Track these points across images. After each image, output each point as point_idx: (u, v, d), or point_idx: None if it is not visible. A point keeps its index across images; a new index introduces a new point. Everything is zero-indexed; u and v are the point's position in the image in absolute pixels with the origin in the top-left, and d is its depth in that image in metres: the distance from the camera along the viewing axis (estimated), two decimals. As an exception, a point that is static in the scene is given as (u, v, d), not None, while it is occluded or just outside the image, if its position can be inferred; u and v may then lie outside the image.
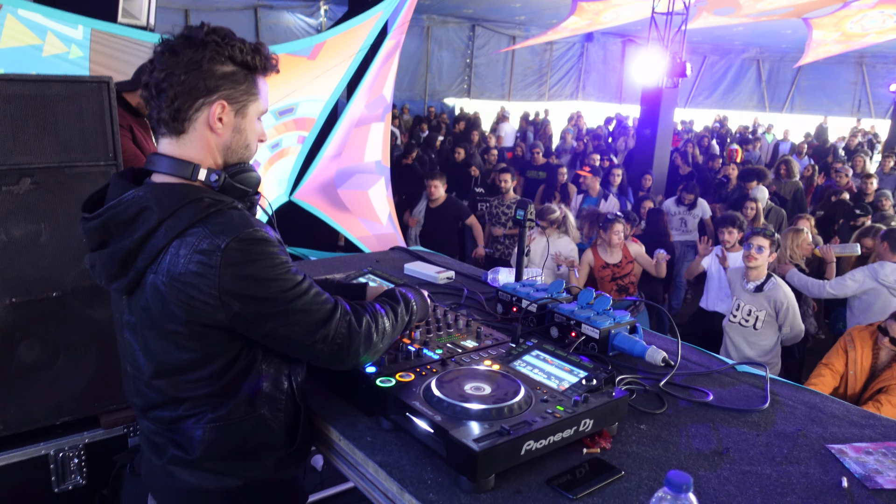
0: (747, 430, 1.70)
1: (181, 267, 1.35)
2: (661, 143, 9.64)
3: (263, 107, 1.54)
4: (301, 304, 1.42)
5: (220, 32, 1.43)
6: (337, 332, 1.46)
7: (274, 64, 1.52)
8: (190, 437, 1.48)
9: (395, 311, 1.63)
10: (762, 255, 4.32)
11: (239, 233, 1.36)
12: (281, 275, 1.40)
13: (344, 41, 4.99)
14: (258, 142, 1.56)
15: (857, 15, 14.71)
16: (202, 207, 1.39)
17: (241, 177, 1.50)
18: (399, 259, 3.21)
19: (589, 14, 14.50)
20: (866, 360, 3.62)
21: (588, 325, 2.05)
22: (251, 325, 1.40)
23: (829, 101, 20.58)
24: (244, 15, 12.68)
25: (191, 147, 1.46)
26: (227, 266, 1.34)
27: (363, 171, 5.68)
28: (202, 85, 1.41)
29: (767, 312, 4.34)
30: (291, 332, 1.42)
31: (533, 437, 1.39)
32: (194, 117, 1.43)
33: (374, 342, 1.53)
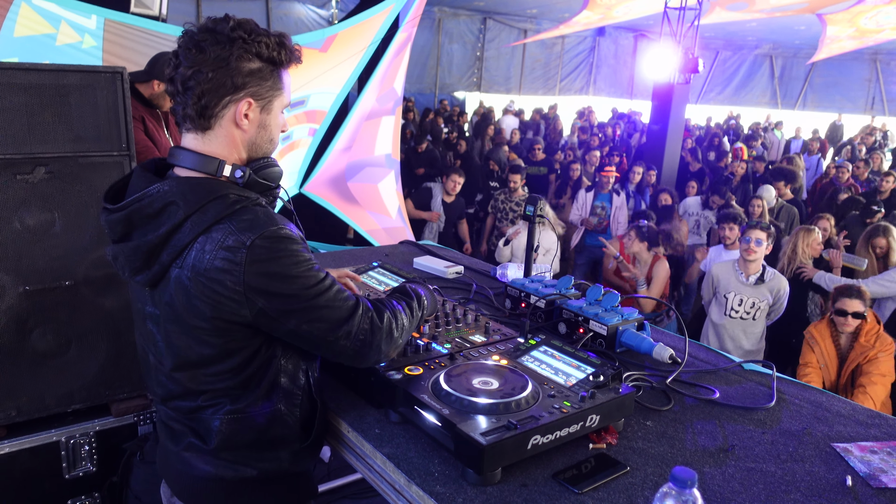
0: (753, 427, 1.70)
1: (206, 263, 1.35)
2: (672, 140, 9.58)
3: (287, 100, 1.54)
4: (324, 301, 1.43)
5: (247, 27, 1.42)
6: (360, 328, 1.46)
7: (298, 56, 1.51)
8: (207, 427, 1.50)
9: (410, 306, 1.64)
10: (761, 247, 4.36)
11: (264, 230, 1.36)
12: (304, 272, 1.40)
13: (356, 34, 5.00)
14: (280, 132, 1.57)
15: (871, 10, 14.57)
16: (228, 203, 1.39)
17: (264, 172, 1.51)
18: (408, 253, 3.22)
19: (601, 8, 14.43)
20: (831, 349, 3.89)
21: (596, 322, 2.06)
22: (275, 321, 1.40)
23: (842, 99, 20.40)
24: (256, 5, 12.67)
25: (216, 143, 1.46)
26: (253, 263, 1.34)
27: (373, 164, 5.69)
28: (230, 82, 1.41)
29: (768, 302, 4.42)
30: (315, 329, 1.43)
31: (540, 431, 1.40)
32: (221, 114, 1.43)
33: (394, 338, 1.54)
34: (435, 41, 16.73)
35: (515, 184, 6.64)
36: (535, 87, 19.55)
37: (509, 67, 18.82)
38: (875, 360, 3.69)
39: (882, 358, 3.68)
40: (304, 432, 1.59)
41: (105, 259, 2.37)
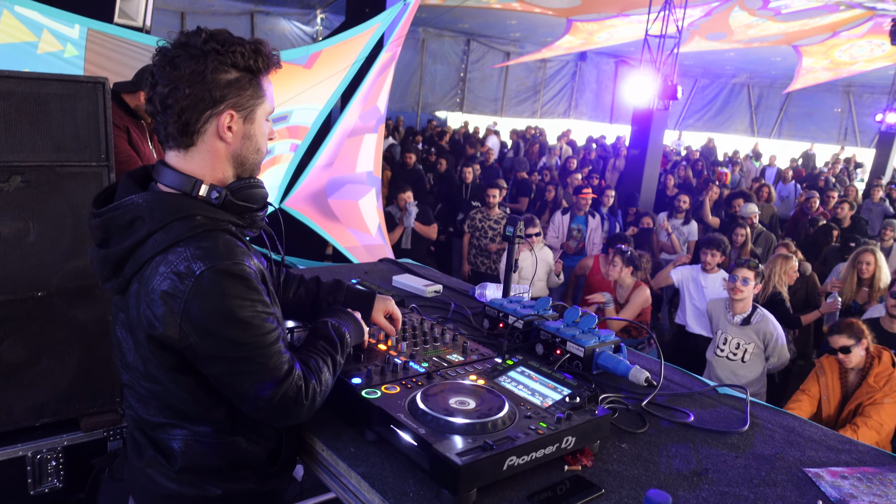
0: (727, 451, 1.72)
1: (155, 283, 1.33)
2: (651, 164, 9.74)
3: (270, 107, 1.52)
4: (259, 357, 1.37)
5: (219, 38, 1.40)
6: (284, 397, 1.40)
7: (276, 60, 1.49)
8: (169, 447, 1.47)
9: (335, 360, 1.58)
10: (748, 287, 4.26)
11: (217, 263, 1.33)
12: (248, 317, 1.36)
13: (340, 51, 5.02)
14: (268, 141, 1.55)
15: (846, 44, 15.00)
16: (191, 226, 1.37)
17: (244, 193, 1.47)
18: (387, 271, 3.22)
19: (583, 34, 14.68)
20: (836, 384, 3.74)
21: (573, 343, 2.06)
22: (202, 361, 1.37)
23: (816, 129, 20.87)
24: (240, 20, 12.71)
25: (198, 159, 1.44)
26: (197, 295, 1.31)
27: (354, 181, 5.69)
28: (208, 96, 1.38)
29: (756, 345, 4.29)
30: (238, 382, 1.38)
31: (515, 452, 1.40)
32: (203, 129, 1.41)
33: (316, 405, 1.49)
34: (419, 60, 16.88)
35: (493, 199, 6.67)
36: (518, 109, 19.76)
37: (492, 89, 19.01)
38: (880, 404, 3.51)
39: (887, 404, 3.51)
40: (271, 460, 1.56)
41: (80, 270, 2.35)
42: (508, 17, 14.26)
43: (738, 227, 6.63)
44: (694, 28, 13.39)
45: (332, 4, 12.82)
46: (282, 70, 1.54)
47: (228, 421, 1.48)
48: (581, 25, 13.99)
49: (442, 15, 13.53)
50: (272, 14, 13.04)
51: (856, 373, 3.71)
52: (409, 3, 5.18)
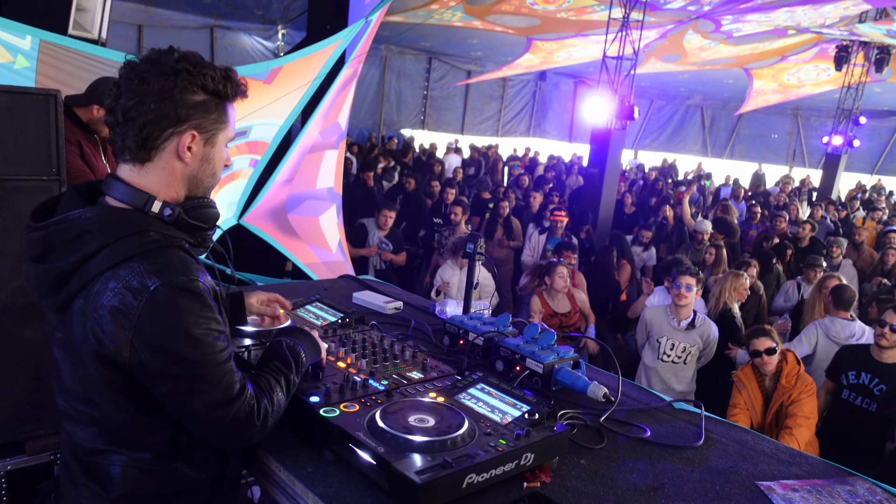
0: (682, 465, 1.74)
1: (105, 299, 1.30)
2: (609, 183, 9.90)
3: (232, 133, 1.51)
4: (211, 375, 1.35)
5: (192, 59, 1.40)
6: (236, 416, 1.37)
7: (244, 90, 1.49)
8: (107, 473, 1.41)
9: (289, 379, 1.56)
10: (691, 293, 4.50)
11: (172, 279, 1.31)
12: (201, 335, 1.33)
13: (301, 67, 5.01)
14: (224, 167, 1.53)
15: (794, 67, 15.60)
16: (144, 242, 1.34)
17: (197, 213, 1.45)
18: (348, 287, 3.20)
19: (543, 52, 14.96)
20: (756, 392, 4.01)
21: (532, 360, 2.08)
22: (152, 379, 1.33)
23: (766, 150, 21.57)
24: (200, 34, 12.56)
25: (152, 176, 1.42)
26: (150, 310, 1.29)
27: (315, 197, 5.66)
28: (173, 114, 1.37)
29: (698, 346, 4.55)
30: (190, 402, 1.35)
31: (475, 470, 1.40)
32: (163, 146, 1.40)
33: (268, 426, 1.46)
34: (382, 78, 16.91)
35: (457, 216, 6.70)
36: (481, 128, 19.95)
37: (455, 108, 19.16)
38: (799, 401, 3.79)
39: (805, 399, 3.80)
40: (216, 485, 1.51)
41: (27, 288, 2.28)
42: (470, 36, 14.44)
43: (709, 246, 6.82)
44: (649, 50, 13.76)
45: (293, 20, 12.79)
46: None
47: (170, 446, 1.43)
48: (541, 44, 14.26)
49: (404, 33, 13.62)
50: (232, 29, 12.93)
51: (770, 378, 3.98)
52: (370, 21, 5.21)
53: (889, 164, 20.34)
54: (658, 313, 4.70)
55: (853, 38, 12.60)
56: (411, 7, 11.11)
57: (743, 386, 4.05)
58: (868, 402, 4.11)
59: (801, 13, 10.66)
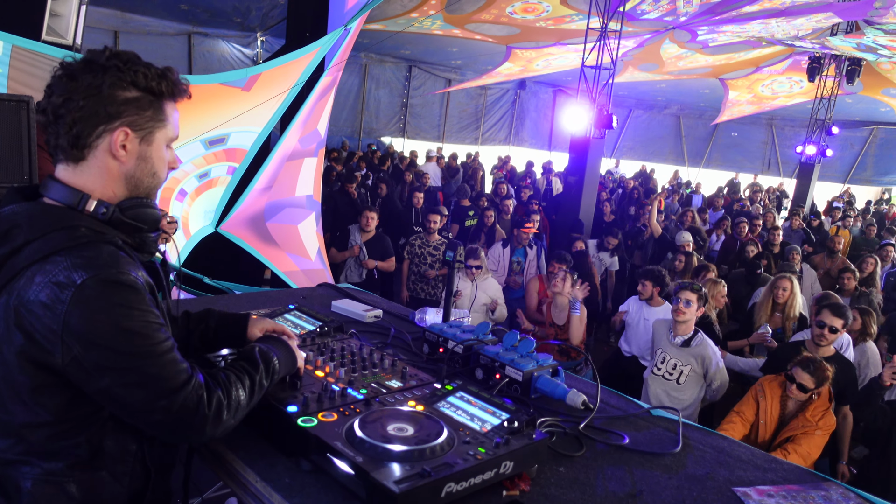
0: (660, 472, 1.75)
1: (31, 294, 1.26)
2: (588, 191, 9.98)
3: (173, 133, 1.48)
4: (150, 366, 1.31)
5: (123, 57, 1.38)
6: (182, 406, 1.33)
7: (184, 89, 1.47)
8: (17, 486, 1.34)
9: (254, 380, 1.52)
10: (690, 309, 4.34)
11: (100, 272, 1.28)
12: (136, 327, 1.30)
13: (280, 74, 4.99)
14: (169, 169, 1.51)
15: (768, 79, 15.88)
16: (73, 236, 1.31)
17: (134, 212, 1.42)
18: (326, 296, 3.18)
19: (522, 61, 15.07)
20: (775, 409, 3.77)
21: (512, 368, 2.08)
22: (88, 375, 1.28)
23: (742, 159, 21.91)
24: (177, 41, 12.46)
25: (87, 175, 1.40)
26: (78, 304, 1.25)
27: (294, 205, 5.63)
28: (103, 111, 1.35)
29: (692, 368, 4.34)
30: (130, 394, 1.30)
31: (454, 479, 1.39)
32: (95, 144, 1.38)
33: (223, 420, 1.41)
34: (361, 86, 16.91)
35: (434, 224, 6.69)
36: (460, 135, 20.00)
37: (434, 116, 19.20)
38: (811, 435, 3.59)
39: (818, 435, 3.60)
40: (134, 502, 1.45)
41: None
42: (450, 45, 14.50)
43: (679, 253, 6.87)
44: (627, 59, 13.93)
45: (272, 27, 12.75)
46: (220, 92, 1.54)
47: (88, 454, 1.37)
48: (520, 53, 14.37)
49: (384, 41, 13.64)
50: (210, 36, 12.84)
51: (795, 403, 3.75)
52: (350, 29, 5.21)
53: (860, 174, 20.75)
54: (662, 325, 4.62)
55: (825, 50, 12.86)
56: (391, 15, 11.14)
57: (764, 397, 3.82)
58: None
59: (775, 25, 10.87)
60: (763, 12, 10.00)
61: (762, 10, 9.89)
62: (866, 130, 20.07)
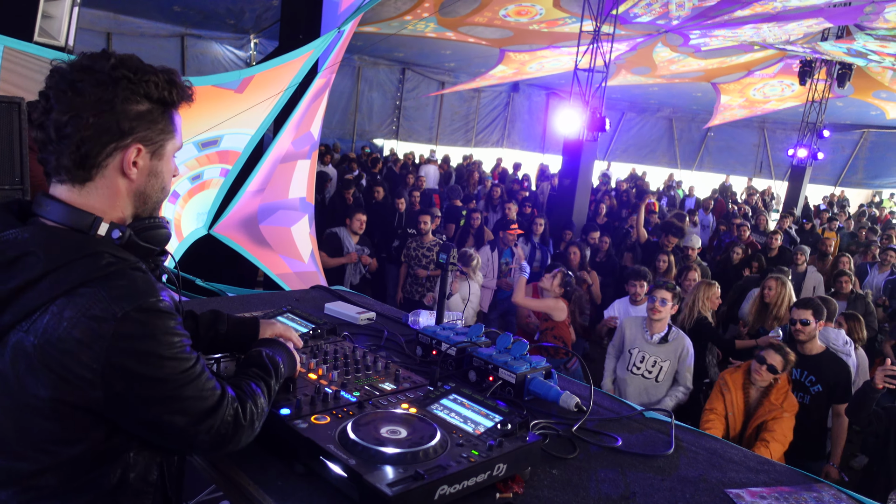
0: (653, 474, 1.75)
1: (63, 331, 1.16)
2: (581, 193, 10.01)
3: (179, 143, 1.40)
4: (191, 390, 1.27)
5: (130, 65, 1.26)
6: (223, 422, 1.31)
7: (190, 94, 1.37)
8: None
9: (269, 385, 1.51)
10: (665, 307, 4.45)
11: (141, 301, 1.20)
12: (177, 354, 1.25)
13: (273, 77, 4.98)
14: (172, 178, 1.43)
15: (759, 83, 15.98)
16: (100, 265, 1.21)
17: (148, 234, 1.34)
18: (319, 298, 3.17)
19: (515, 63, 15.11)
20: (739, 399, 3.96)
21: (505, 370, 2.08)
22: (131, 408, 1.22)
23: (734, 162, 22.01)
24: (170, 42, 12.43)
25: (95, 196, 1.29)
26: (121, 338, 1.17)
27: (287, 207, 5.62)
28: (115, 128, 1.25)
29: (671, 363, 4.44)
30: (176, 421, 1.26)
31: (447, 481, 1.39)
32: (104, 163, 1.27)
33: (255, 429, 1.42)
34: (355, 88, 16.92)
35: (426, 225, 6.70)
36: (453, 138, 20.02)
37: (427, 118, 19.22)
38: (780, 418, 3.77)
39: (786, 417, 3.78)
40: None
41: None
42: (443, 47, 14.52)
43: (661, 254, 6.88)
44: (620, 62, 13.98)
45: (265, 29, 12.73)
46: (213, 94, 1.51)
47: (111, 487, 1.29)
48: (513, 56, 14.41)
49: (377, 43, 13.65)
50: (204, 37, 12.81)
51: (757, 390, 3.94)
52: (343, 31, 5.21)
53: (852, 177, 20.89)
54: (634, 323, 4.69)
55: (816, 55, 12.95)
56: (385, 18, 11.15)
57: (728, 391, 3.98)
58: (802, 394, 4.23)
59: (767, 30, 10.94)
60: (755, 17, 10.06)
61: (754, 14, 9.95)
62: (857, 133, 20.21)
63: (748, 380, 3.97)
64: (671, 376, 4.49)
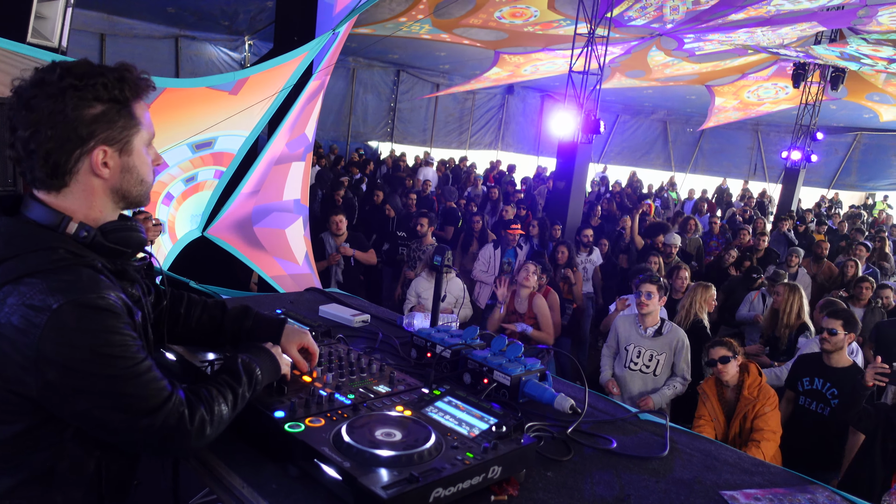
0: (648, 476, 1.75)
1: (2, 317, 1.22)
2: (576, 196, 10.02)
3: (149, 133, 1.44)
4: (131, 388, 1.28)
5: (77, 71, 1.31)
6: (164, 424, 1.31)
7: (147, 84, 1.41)
8: None
9: (236, 393, 1.51)
10: (652, 300, 4.57)
11: (78, 296, 1.24)
12: (114, 351, 1.27)
13: (268, 78, 4.97)
14: (154, 167, 1.47)
15: (753, 85, 16.04)
16: (51, 259, 1.27)
17: (117, 235, 1.39)
18: (314, 300, 3.16)
19: (510, 66, 15.13)
20: (717, 404, 4.08)
21: (500, 372, 2.08)
22: (63, 399, 1.26)
23: (728, 164, 22.09)
24: (164, 44, 12.40)
25: (71, 198, 1.36)
26: (54, 329, 1.21)
27: (281, 209, 5.61)
28: (74, 136, 1.31)
29: (667, 356, 4.57)
30: (110, 417, 1.28)
31: (442, 484, 1.39)
32: (75, 169, 1.34)
33: (206, 435, 1.40)
34: (349, 90, 16.92)
35: (423, 227, 6.71)
36: (447, 140, 20.04)
37: (422, 120, 19.23)
38: (764, 415, 3.86)
39: (770, 413, 3.87)
40: None
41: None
42: (438, 49, 14.53)
43: (652, 255, 6.90)
44: (615, 65, 14.02)
45: (260, 31, 12.71)
46: (207, 96, 1.52)
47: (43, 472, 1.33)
48: (508, 58, 14.42)
49: (372, 45, 13.65)
50: (198, 39, 12.79)
51: (731, 389, 4.05)
52: (338, 33, 5.21)
53: (845, 179, 20.98)
54: (627, 321, 4.79)
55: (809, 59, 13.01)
56: (379, 20, 11.14)
57: (707, 399, 4.11)
58: (822, 406, 4.24)
59: (760, 34, 10.98)
60: (749, 21, 10.10)
61: (748, 18, 9.98)
62: (850, 136, 20.30)
63: (720, 383, 4.08)
64: (668, 369, 4.60)
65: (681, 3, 9.83)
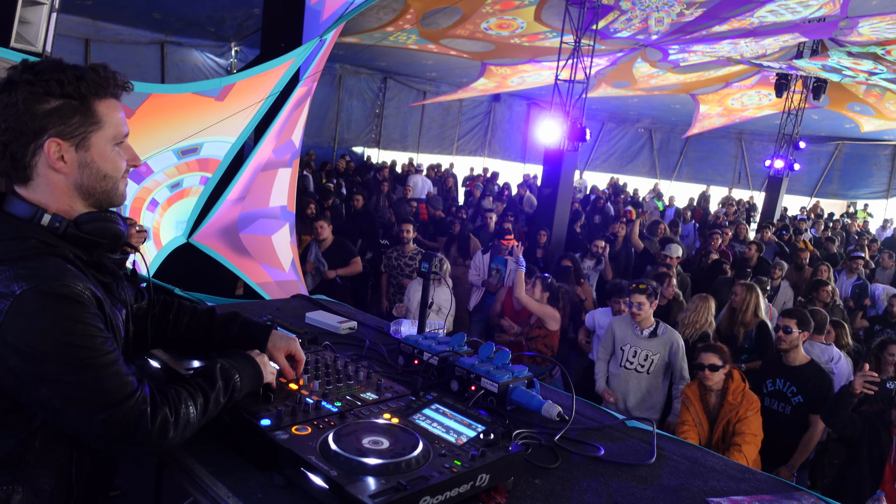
0: (635, 484, 1.76)
1: None
2: (562, 202, 10.06)
3: (115, 131, 1.44)
4: (91, 379, 1.29)
5: (36, 68, 1.35)
6: (123, 420, 1.30)
7: (113, 83, 1.43)
8: None
9: (208, 397, 1.49)
10: (644, 309, 4.68)
11: (42, 284, 1.26)
12: (77, 340, 1.28)
13: (254, 84, 4.95)
14: (130, 167, 1.49)
15: (737, 93, 16.24)
16: (20, 247, 1.30)
17: (91, 226, 1.41)
18: (300, 307, 3.15)
19: (497, 77, 15.21)
20: (700, 409, 4.10)
21: (487, 379, 2.07)
22: (24, 386, 1.26)
23: (712, 172, 22.31)
24: (149, 49, 12.32)
25: (40, 192, 1.40)
26: (16, 315, 1.23)
27: (267, 215, 5.58)
28: (26, 128, 1.34)
29: (661, 356, 4.67)
30: (69, 407, 1.28)
31: (429, 492, 1.38)
32: (33, 162, 1.37)
33: (168, 437, 1.38)
34: (335, 96, 16.91)
35: (408, 234, 6.72)
36: (433, 146, 20.07)
37: (407, 126, 19.26)
38: (746, 419, 3.89)
39: (751, 417, 3.91)
40: None
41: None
42: (425, 58, 14.56)
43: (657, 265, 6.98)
44: (600, 76, 14.13)
45: (246, 37, 12.68)
46: (193, 101, 1.52)
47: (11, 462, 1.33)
48: (495, 69, 14.50)
49: (359, 52, 13.66)
50: (184, 45, 12.73)
51: (715, 395, 4.07)
52: (325, 40, 5.20)
53: (827, 188, 21.26)
54: (623, 322, 4.89)
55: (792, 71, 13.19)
56: (367, 29, 11.16)
57: (690, 403, 4.15)
58: (783, 405, 4.34)
59: (744, 45, 11.12)
60: (732, 32, 10.22)
61: (731, 29, 10.11)
62: (832, 145, 20.59)
63: (704, 388, 4.11)
64: (662, 369, 4.70)
65: (665, 14, 9.93)
